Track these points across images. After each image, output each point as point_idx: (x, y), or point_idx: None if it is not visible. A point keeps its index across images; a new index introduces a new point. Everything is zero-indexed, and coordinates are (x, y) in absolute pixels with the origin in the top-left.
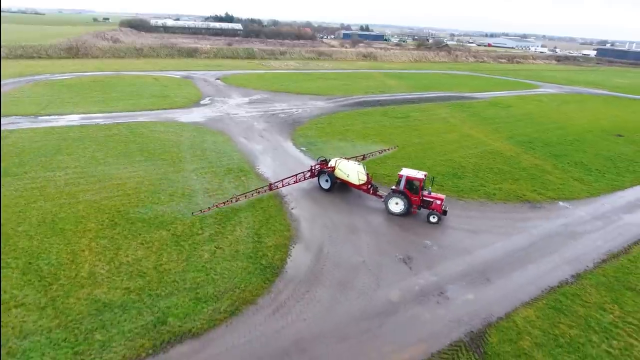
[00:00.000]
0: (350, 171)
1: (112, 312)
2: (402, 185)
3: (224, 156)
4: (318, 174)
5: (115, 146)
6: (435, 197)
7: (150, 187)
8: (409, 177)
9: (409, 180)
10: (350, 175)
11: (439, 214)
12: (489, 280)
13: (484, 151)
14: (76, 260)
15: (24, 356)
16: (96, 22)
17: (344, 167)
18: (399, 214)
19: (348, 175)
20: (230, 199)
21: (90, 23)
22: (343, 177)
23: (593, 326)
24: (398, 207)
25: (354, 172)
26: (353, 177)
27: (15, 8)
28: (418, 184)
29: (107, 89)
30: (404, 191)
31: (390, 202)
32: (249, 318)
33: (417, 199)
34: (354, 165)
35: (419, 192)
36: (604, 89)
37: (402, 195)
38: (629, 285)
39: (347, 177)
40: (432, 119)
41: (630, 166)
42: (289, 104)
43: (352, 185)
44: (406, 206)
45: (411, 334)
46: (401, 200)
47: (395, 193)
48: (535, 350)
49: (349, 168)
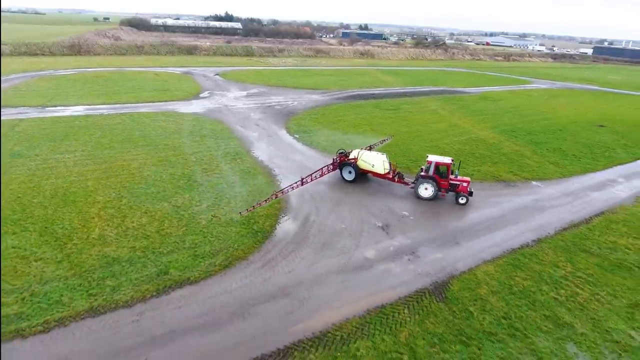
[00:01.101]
0: (375, 161)
1: (120, 265)
2: (432, 171)
3: (222, 142)
4: (340, 166)
5: (119, 133)
6: (462, 179)
7: (152, 168)
8: (437, 162)
9: (437, 165)
10: (376, 165)
11: (466, 195)
12: (458, 244)
13: (468, 139)
14: (87, 225)
15: (45, 297)
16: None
17: (367, 157)
18: (428, 199)
19: (373, 166)
20: (270, 197)
21: (90, 22)
22: (367, 167)
23: (545, 279)
24: (427, 192)
25: (379, 162)
26: (378, 167)
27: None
28: (446, 168)
29: (109, 84)
30: (433, 176)
31: (420, 187)
32: (241, 270)
33: (445, 183)
34: (377, 155)
35: (447, 177)
36: (596, 85)
37: (432, 180)
38: (584, 248)
39: (372, 168)
40: (422, 111)
41: (606, 152)
42: (285, 97)
43: (377, 174)
44: (435, 190)
45: (383, 283)
46: (430, 185)
47: (424, 178)
48: (490, 296)
49: (373, 158)
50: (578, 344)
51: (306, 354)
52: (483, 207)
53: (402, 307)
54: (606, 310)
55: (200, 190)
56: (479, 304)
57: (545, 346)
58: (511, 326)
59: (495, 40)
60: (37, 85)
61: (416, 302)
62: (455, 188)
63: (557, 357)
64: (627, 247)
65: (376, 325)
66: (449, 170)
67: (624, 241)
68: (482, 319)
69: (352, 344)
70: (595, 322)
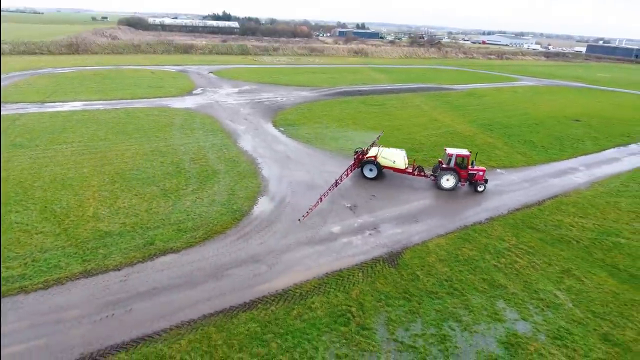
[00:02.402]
0: (395, 157)
1: (111, 238)
2: (453, 163)
3: (210, 134)
4: (361, 164)
5: (114, 126)
6: (478, 169)
7: (144, 157)
8: (458, 154)
9: (458, 157)
10: (397, 161)
11: (483, 183)
12: (417, 221)
13: (445, 132)
14: (82, 205)
15: (45, 262)
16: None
17: (387, 154)
18: (449, 189)
19: (394, 162)
20: (317, 202)
21: (88, 22)
22: (388, 164)
23: (489, 250)
24: (449, 183)
25: (399, 158)
26: (399, 162)
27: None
28: (466, 160)
29: (106, 81)
30: (454, 168)
31: (442, 179)
32: (218, 242)
33: (465, 174)
34: (397, 151)
35: (467, 167)
36: (583, 82)
37: (453, 172)
38: (531, 225)
39: (393, 164)
40: (406, 106)
41: (574, 144)
42: (275, 94)
43: (398, 170)
44: (457, 181)
45: (344, 252)
46: (452, 176)
47: (445, 170)
48: (437, 263)
49: (393, 154)
50: (507, 301)
51: (268, 306)
52: (446, 191)
53: (358, 271)
54: (539, 275)
55: (187, 176)
56: (426, 269)
57: (478, 302)
58: (451, 287)
59: (491, 39)
60: (36, 82)
61: (370, 267)
62: (472, 177)
63: (486, 310)
64: (571, 224)
65: (332, 285)
66: (468, 161)
67: (569, 220)
68: (426, 281)
69: (309, 299)
70: (526, 284)
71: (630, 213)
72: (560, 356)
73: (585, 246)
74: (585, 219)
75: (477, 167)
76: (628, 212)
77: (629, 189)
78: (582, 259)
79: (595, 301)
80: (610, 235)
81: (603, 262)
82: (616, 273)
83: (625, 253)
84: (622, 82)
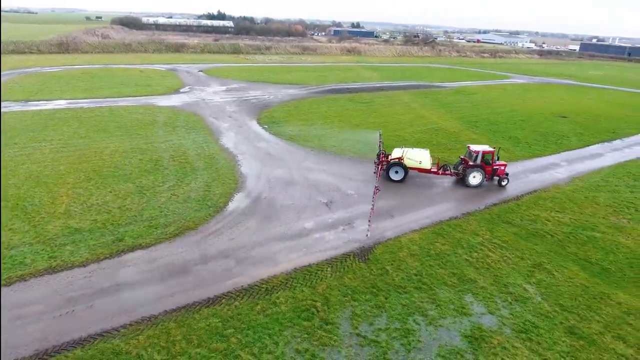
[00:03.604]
0: (421, 157)
1: (81, 234)
2: (479, 160)
3: (192, 131)
4: (387, 167)
5: (96, 124)
6: (500, 164)
7: (123, 154)
8: (484, 151)
9: (484, 154)
10: (423, 161)
11: (506, 177)
12: (392, 217)
13: (430, 128)
14: (55, 202)
15: (10, 259)
16: (89, 20)
17: (413, 155)
18: (476, 186)
19: (420, 162)
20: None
21: (82, 22)
22: (415, 165)
23: (462, 244)
24: (476, 180)
25: (425, 158)
26: (426, 163)
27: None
28: (491, 156)
29: (94, 80)
30: (480, 164)
31: (469, 176)
32: (189, 238)
33: (490, 170)
34: (421, 151)
35: (492, 163)
36: (574, 80)
37: (480, 169)
38: (507, 220)
39: (419, 164)
40: (394, 104)
41: (558, 140)
42: (263, 92)
43: (424, 170)
44: (484, 177)
45: (316, 247)
46: (479, 173)
47: (473, 167)
48: (408, 258)
49: (419, 155)
50: (475, 295)
51: (232, 302)
52: (425, 187)
53: (327, 266)
54: (510, 269)
55: (164, 173)
56: (396, 264)
57: (446, 296)
58: (420, 281)
59: (486, 38)
60: (23, 81)
61: (340, 262)
62: (495, 173)
63: (453, 304)
64: (547, 219)
65: (299, 280)
66: (493, 157)
67: (545, 214)
68: (395, 275)
69: (274, 294)
70: (496, 278)
71: (608, 207)
72: (524, 349)
73: (559, 240)
74: (562, 213)
75: (499, 162)
76: (605, 207)
77: (609, 183)
78: (555, 253)
79: (565, 295)
80: (585, 230)
81: (576, 255)
82: (588, 267)
83: (599, 247)
84: (614, 80)
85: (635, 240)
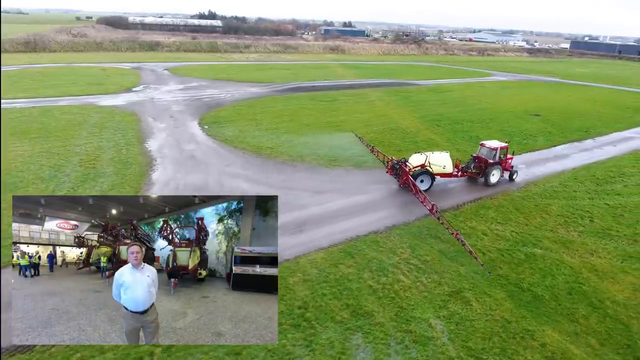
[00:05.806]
0: (444, 162)
1: None
2: (497, 157)
3: (120, 133)
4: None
5: (17, 125)
6: (509, 158)
7: (28, 159)
8: (502, 147)
9: (502, 150)
10: (447, 165)
11: (515, 170)
12: (302, 232)
13: (387, 128)
14: None
15: None
16: (79, 20)
17: (436, 160)
18: (494, 184)
19: (444, 167)
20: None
21: (72, 22)
22: (439, 170)
23: (372, 266)
24: (495, 177)
25: (448, 162)
26: (449, 167)
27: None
28: (505, 151)
29: (47, 79)
30: (498, 162)
31: (491, 175)
32: None
33: (506, 165)
34: (442, 154)
35: (506, 159)
36: (558, 77)
37: (498, 166)
38: (436, 235)
39: (443, 169)
40: (359, 102)
41: (524, 140)
42: (221, 90)
43: (446, 175)
44: (500, 174)
45: None
46: (497, 170)
47: (493, 165)
48: (298, 285)
49: (441, 160)
50: (366, 334)
51: None
52: (355, 193)
53: None
54: (421, 298)
55: (61, 180)
56: (280, 294)
57: (327, 337)
58: (301, 316)
59: (478, 37)
60: None
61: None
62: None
63: (332, 349)
64: (484, 232)
65: None
66: (507, 152)
67: (484, 227)
68: None
69: None
70: (399, 311)
71: (559, 217)
72: None
73: (490, 259)
74: (504, 225)
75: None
76: (556, 217)
77: (567, 189)
78: (482, 276)
79: (478, 333)
80: (526, 245)
81: (506, 279)
82: (517, 294)
83: (537, 268)
84: (600, 77)
85: (581, 258)
